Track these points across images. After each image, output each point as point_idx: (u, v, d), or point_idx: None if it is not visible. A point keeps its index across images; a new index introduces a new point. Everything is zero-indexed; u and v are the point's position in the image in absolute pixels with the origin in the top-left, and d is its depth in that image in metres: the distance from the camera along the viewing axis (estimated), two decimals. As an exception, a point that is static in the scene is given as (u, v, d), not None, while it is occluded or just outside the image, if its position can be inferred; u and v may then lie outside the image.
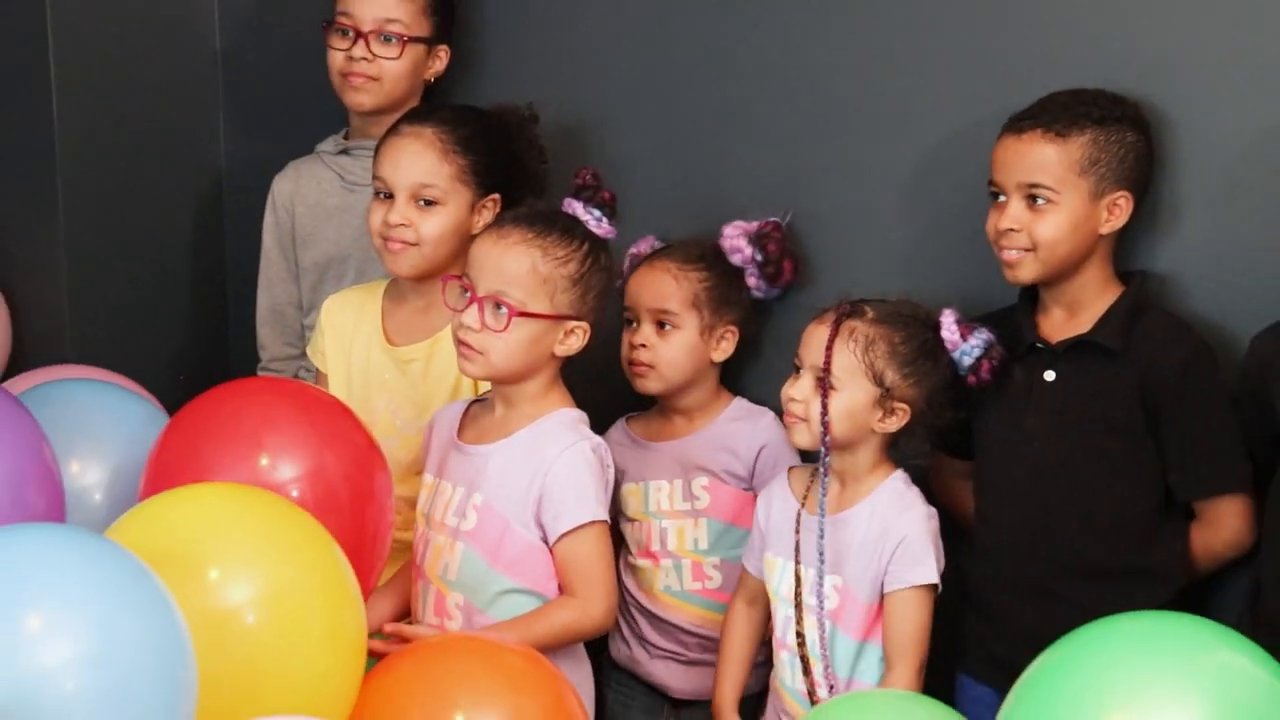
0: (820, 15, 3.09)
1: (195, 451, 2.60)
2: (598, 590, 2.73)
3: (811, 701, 2.76)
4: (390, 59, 3.23)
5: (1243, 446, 2.72)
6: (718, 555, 3.05)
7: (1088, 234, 2.72)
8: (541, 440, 2.74)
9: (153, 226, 3.70)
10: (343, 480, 2.62)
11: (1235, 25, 2.75)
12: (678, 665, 3.08)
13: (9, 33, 3.51)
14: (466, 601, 2.75)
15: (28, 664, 1.96)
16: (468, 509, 2.76)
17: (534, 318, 2.71)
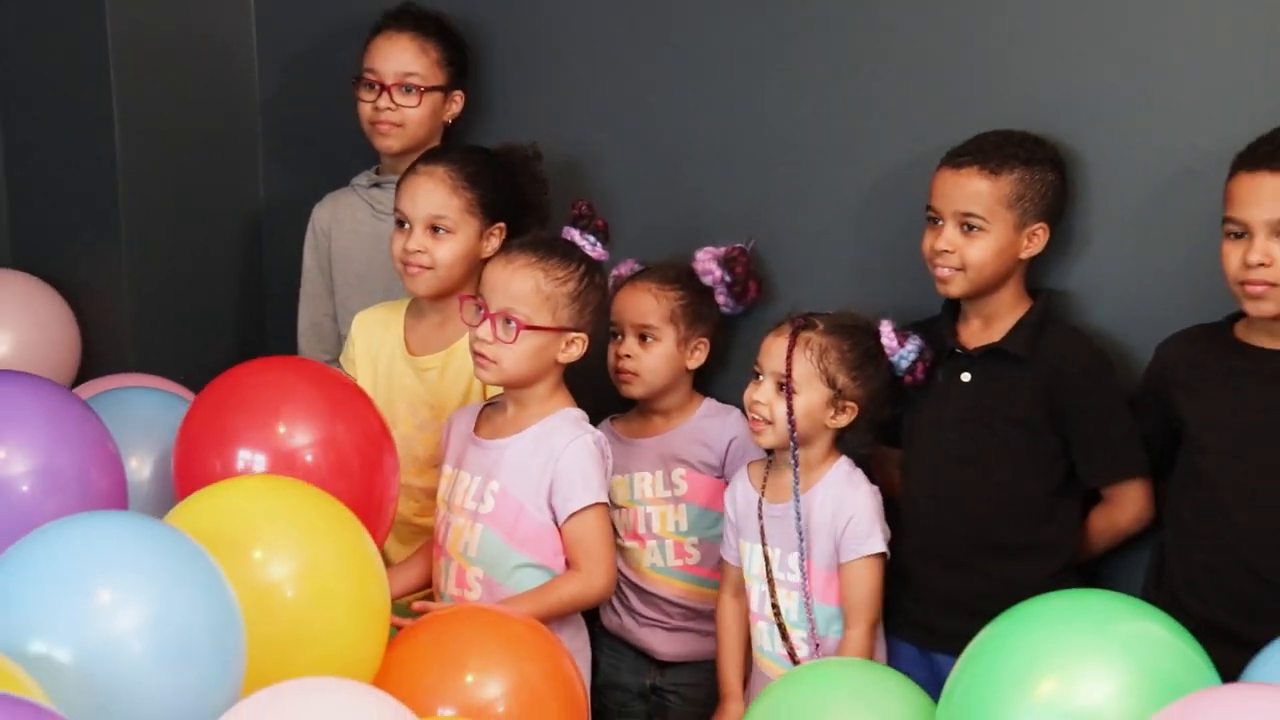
0: (779, 70, 3.09)
1: (219, 420, 2.60)
2: (600, 564, 2.75)
3: (793, 662, 2.79)
4: (411, 107, 3.23)
5: (1139, 438, 2.74)
6: (696, 535, 3.07)
7: (1010, 258, 2.76)
8: (550, 435, 2.76)
9: (203, 252, 3.71)
10: (353, 450, 2.62)
11: (1136, 79, 2.77)
12: (662, 631, 3.09)
13: (79, 85, 3.53)
14: (486, 575, 2.76)
15: (100, 630, 2.01)
16: (486, 494, 2.78)
17: (539, 330, 2.73)
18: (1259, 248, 2.52)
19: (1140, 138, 2.79)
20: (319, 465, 2.56)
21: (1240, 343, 2.65)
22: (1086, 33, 2.82)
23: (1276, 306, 2.54)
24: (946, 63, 2.94)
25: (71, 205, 3.64)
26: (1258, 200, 2.52)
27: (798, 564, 2.79)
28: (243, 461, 2.56)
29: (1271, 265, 2.52)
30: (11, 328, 3.50)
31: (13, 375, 2.56)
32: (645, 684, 3.12)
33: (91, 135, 3.55)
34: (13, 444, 2.37)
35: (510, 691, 2.41)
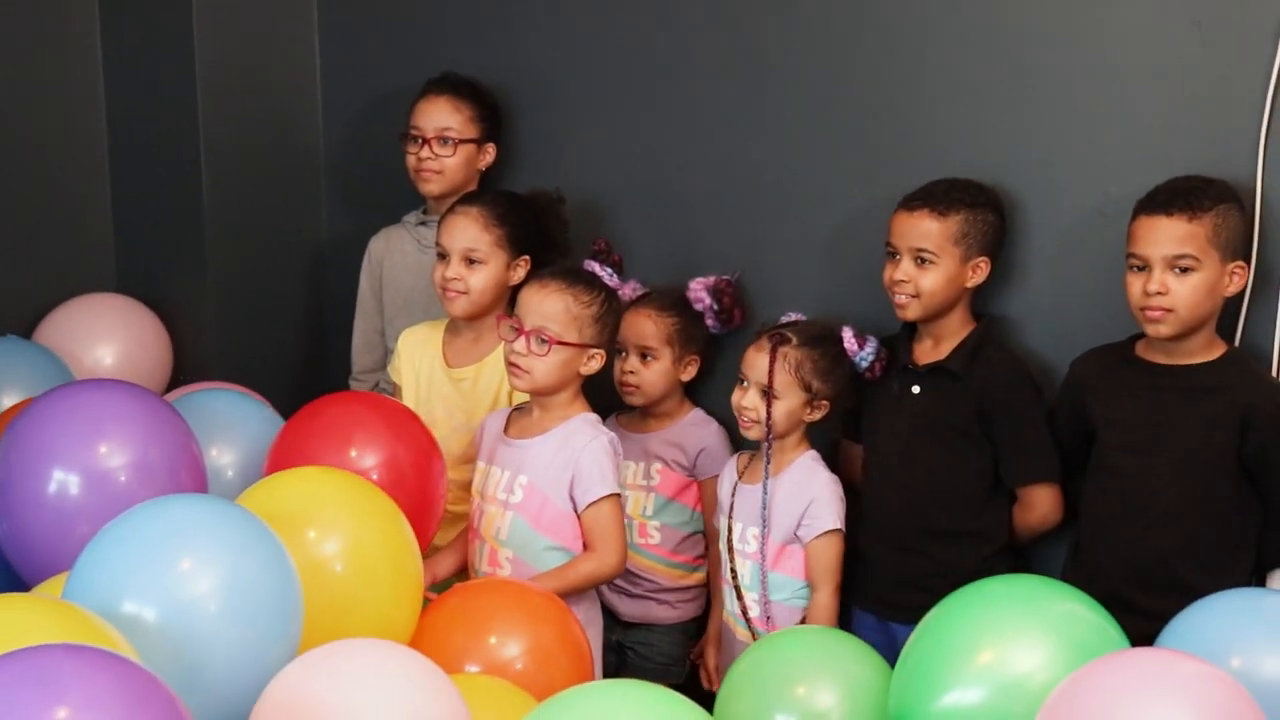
0: (763, 129, 3.11)
1: (303, 444, 2.65)
2: (613, 546, 2.77)
3: (745, 620, 2.82)
4: (447, 156, 3.24)
5: (1053, 448, 2.75)
6: (659, 520, 3.08)
7: (957, 286, 2.77)
8: (571, 435, 2.78)
9: (275, 278, 3.73)
10: (410, 466, 2.67)
11: (1065, 133, 2.79)
12: (626, 597, 3.10)
13: (172, 140, 3.57)
14: (515, 555, 2.78)
15: (181, 593, 2.06)
16: (515, 486, 2.79)
17: (567, 346, 2.76)
18: (1156, 279, 2.55)
19: (1062, 184, 2.81)
20: (383, 481, 2.59)
21: (1140, 359, 2.67)
22: (1019, 97, 2.83)
23: (1171, 329, 2.58)
24: (903, 123, 2.96)
25: (165, 239, 3.67)
26: (1155, 239, 2.56)
27: (755, 537, 2.81)
28: None
29: (1167, 294, 2.55)
30: (115, 342, 3.52)
31: (114, 384, 2.60)
32: (612, 639, 3.11)
33: (182, 181, 3.58)
34: (113, 441, 2.42)
35: (527, 651, 2.44)
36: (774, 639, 2.59)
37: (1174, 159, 2.66)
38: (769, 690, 2.39)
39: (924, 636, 2.30)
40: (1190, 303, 2.54)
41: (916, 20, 2.92)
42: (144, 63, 3.59)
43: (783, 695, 2.38)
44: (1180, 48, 2.69)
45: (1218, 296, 2.57)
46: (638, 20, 3.26)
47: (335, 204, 3.78)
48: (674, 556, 3.11)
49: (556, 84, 3.39)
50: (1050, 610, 2.22)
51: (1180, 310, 2.54)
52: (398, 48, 3.59)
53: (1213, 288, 2.56)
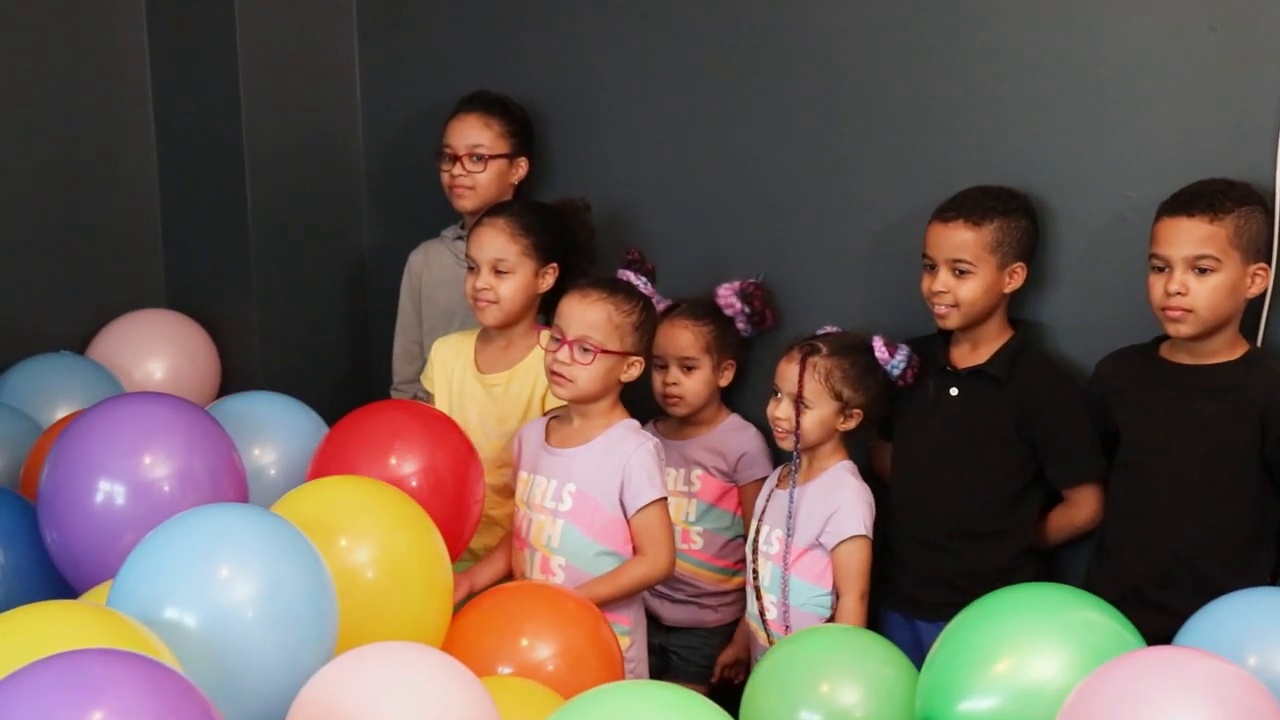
0: (791, 138, 3.12)
1: (345, 452, 2.68)
2: (663, 549, 2.78)
3: (762, 620, 2.83)
4: (479, 172, 3.28)
5: (1099, 448, 2.74)
6: (701, 526, 3.09)
7: (996, 293, 2.78)
8: (617, 442, 2.79)
9: (317, 293, 3.77)
10: (448, 472, 2.70)
11: (1086, 140, 2.80)
12: (669, 602, 3.11)
13: (218, 161, 3.62)
14: (568, 562, 2.78)
15: (220, 599, 2.09)
16: (564, 495, 2.79)
17: (610, 354, 2.77)
18: (1177, 279, 2.56)
19: (1085, 190, 2.82)
20: (421, 487, 2.63)
21: (1164, 360, 2.67)
22: (1042, 105, 2.85)
23: (1191, 329, 2.58)
24: (930, 132, 2.97)
25: (213, 257, 3.73)
26: (1176, 240, 2.56)
27: (779, 539, 2.82)
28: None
29: (1187, 294, 2.55)
30: (165, 356, 3.59)
31: (157, 396, 2.65)
32: (654, 643, 3.11)
33: (229, 199, 3.64)
34: (157, 452, 2.46)
35: (558, 653, 2.46)
36: (799, 637, 2.60)
37: (1192, 163, 2.67)
38: (794, 688, 2.41)
39: (948, 642, 2.33)
40: (1210, 303, 2.54)
41: (943, 32, 2.94)
42: (191, 83, 3.66)
43: (807, 693, 2.39)
44: (1196, 53, 2.70)
45: (1239, 297, 2.58)
46: (668, 35, 3.29)
47: (376, 219, 3.82)
48: (716, 561, 3.12)
49: (590, 98, 3.42)
50: (1069, 618, 2.25)
51: (1200, 310, 2.55)
52: (435, 66, 3.64)
53: (1233, 288, 2.56)
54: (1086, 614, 2.27)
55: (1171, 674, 1.98)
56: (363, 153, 3.78)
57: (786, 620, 2.81)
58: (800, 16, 3.10)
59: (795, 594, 2.82)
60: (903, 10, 2.98)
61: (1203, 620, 2.32)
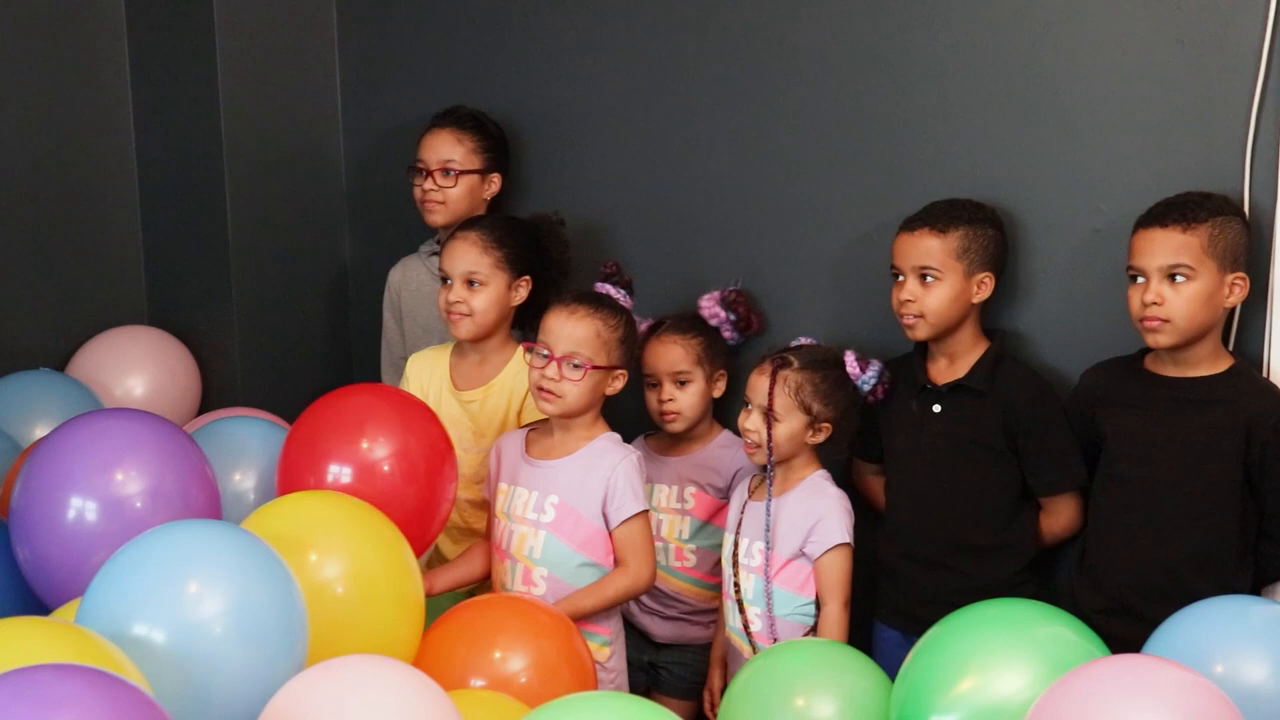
0: (765, 152, 3.13)
1: (315, 437, 2.65)
2: (645, 561, 2.78)
3: (747, 634, 2.81)
4: (450, 187, 3.27)
5: (1078, 457, 2.75)
6: (695, 543, 3.08)
7: (964, 303, 2.78)
8: (600, 455, 2.79)
9: (299, 309, 3.76)
10: (421, 459, 2.66)
11: (1058, 153, 2.81)
12: (660, 619, 3.11)
13: (199, 179, 3.61)
14: (550, 573, 2.78)
15: (189, 615, 2.08)
16: (546, 506, 2.79)
17: (599, 369, 2.77)
18: (1153, 289, 2.56)
19: (1057, 203, 2.83)
20: (394, 472, 2.60)
21: (1149, 372, 2.67)
22: (1014, 120, 2.86)
23: (1169, 338, 2.58)
24: (903, 146, 2.98)
25: (194, 274, 3.72)
26: (1150, 250, 2.57)
27: (761, 551, 2.81)
28: (332, 473, 2.61)
29: (1163, 304, 2.56)
30: (145, 373, 3.57)
31: (130, 413, 2.64)
32: (644, 659, 3.13)
33: (209, 219, 3.64)
34: (129, 469, 2.45)
35: (531, 666, 2.45)
36: (775, 651, 2.60)
37: (1163, 176, 2.68)
38: (769, 701, 2.40)
39: (919, 657, 2.34)
40: (1186, 313, 2.54)
41: (915, 47, 2.95)
42: (171, 102, 3.67)
43: (783, 707, 2.39)
44: (1166, 66, 2.71)
45: (1216, 307, 2.58)
46: (644, 52, 3.31)
47: (357, 234, 3.83)
48: (709, 579, 3.09)
49: (567, 113, 3.43)
50: (1038, 633, 2.26)
51: (1177, 320, 2.55)
52: (416, 81, 3.65)
53: (1210, 297, 2.56)
54: (1055, 629, 2.28)
55: (1134, 682, 1.98)
56: (343, 168, 3.79)
57: (773, 632, 2.80)
58: (774, 33, 3.13)
59: (779, 605, 2.81)
60: (875, 26, 3.00)
61: (1172, 628, 2.34)
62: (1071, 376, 2.80)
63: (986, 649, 2.25)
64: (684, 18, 3.23)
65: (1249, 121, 2.61)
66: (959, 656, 2.26)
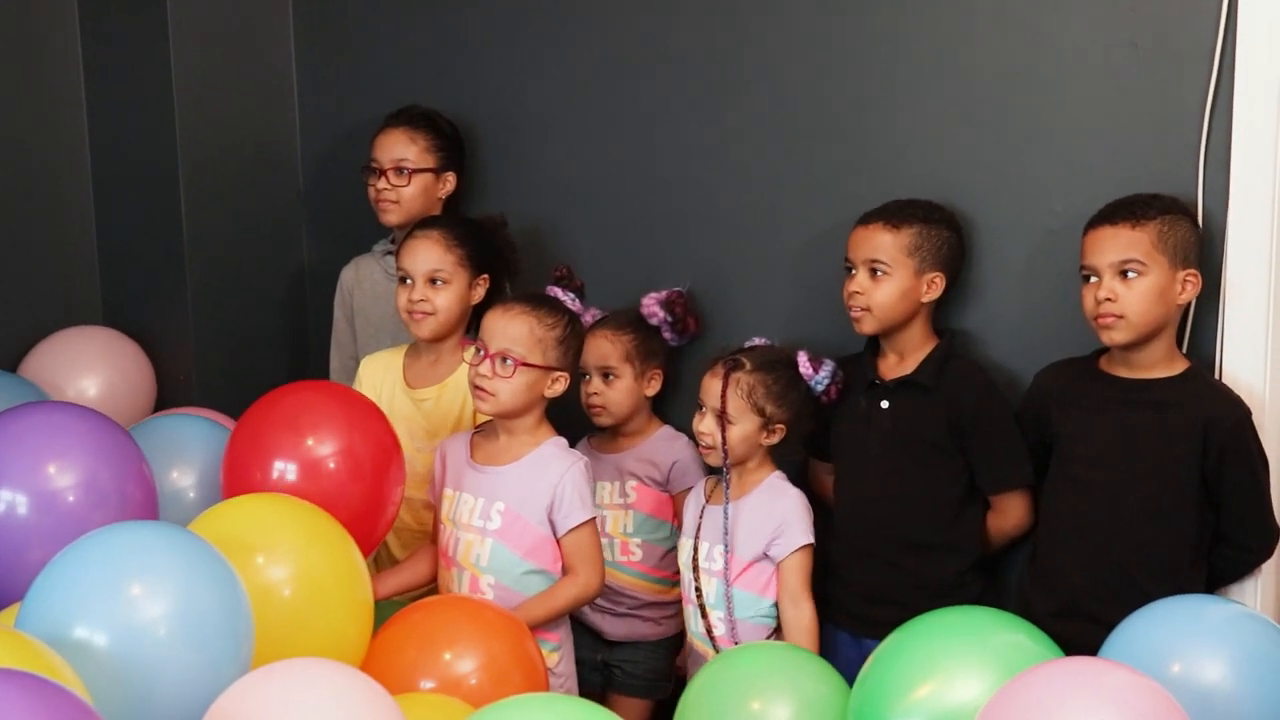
0: (721, 151, 3.12)
1: (261, 433, 2.61)
2: (594, 568, 2.77)
3: (710, 638, 2.79)
4: (403, 186, 3.25)
5: (1026, 454, 2.74)
6: (640, 537, 3.07)
7: (912, 300, 2.76)
8: (546, 461, 2.77)
9: (255, 309, 3.73)
10: (367, 458, 2.63)
11: (1012, 154, 2.80)
12: (612, 616, 3.09)
13: (154, 177, 3.57)
14: (497, 581, 2.75)
15: (131, 618, 2.05)
16: (492, 513, 2.76)
17: (532, 368, 2.73)
18: (1105, 286, 2.56)
19: (1012, 203, 2.82)
20: (339, 470, 2.57)
21: (1103, 372, 2.66)
22: (969, 120, 2.85)
23: (1124, 335, 2.57)
24: (859, 147, 2.97)
25: (148, 273, 3.69)
26: (1100, 248, 2.57)
27: (722, 555, 2.79)
28: (277, 470, 2.58)
29: (1116, 300, 2.55)
30: (98, 374, 3.52)
31: (63, 405, 2.60)
32: (598, 659, 3.11)
33: (164, 219, 3.60)
34: (62, 462, 2.40)
35: (481, 667, 2.42)
36: (731, 655, 2.58)
37: (1116, 177, 2.67)
38: (725, 705, 2.39)
39: (877, 664, 2.33)
40: (1139, 308, 2.54)
41: (871, 49, 2.94)
42: (126, 101, 3.63)
43: (739, 710, 2.37)
44: (1119, 68, 2.70)
45: (1169, 303, 2.57)
46: (599, 53, 3.29)
47: (314, 234, 3.80)
48: (655, 572, 3.08)
49: (522, 114, 3.41)
50: (995, 640, 2.26)
51: (1130, 316, 2.54)
52: (373, 81, 3.62)
53: (1162, 293, 2.55)
54: (1012, 636, 2.28)
55: (1082, 684, 1.97)
56: (300, 167, 3.76)
57: (735, 636, 2.78)
58: (728, 35, 3.11)
59: (741, 608, 2.79)
60: (829, 27, 2.99)
61: (1129, 628, 2.33)
62: (1024, 377, 2.79)
63: (943, 656, 2.25)
64: (639, 18, 3.22)
65: (1201, 123, 2.61)
66: (915, 663, 2.26)
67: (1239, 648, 2.21)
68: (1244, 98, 2.56)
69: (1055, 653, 2.27)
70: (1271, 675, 2.21)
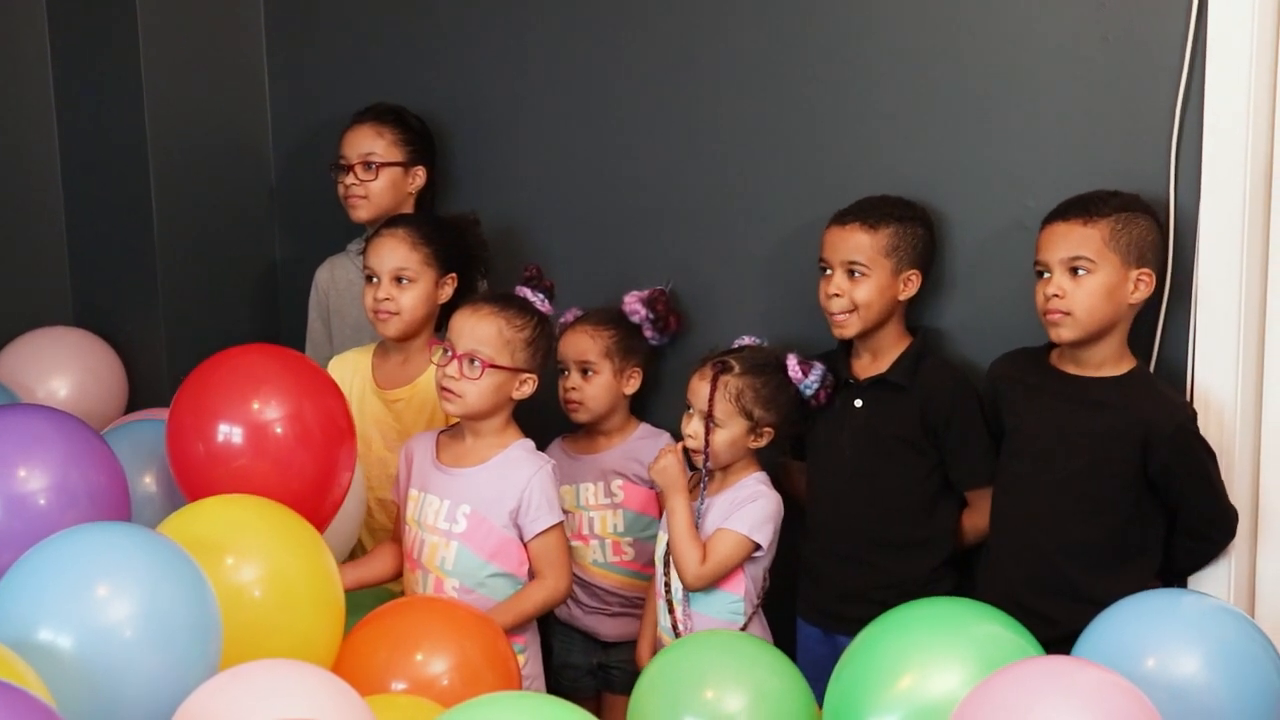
0: (697, 147, 3.10)
1: (204, 397, 2.54)
2: (562, 572, 2.75)
3: (676, 634, 2.77)
4: (371, 180, 3.21)
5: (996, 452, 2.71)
6: (630, 535, 3.05)
7: (890, 299, 2.75)
8: (513, 465, 2.74)
9: (227, 308, 3.70)
10: (316, 424, 2.55)
11: (992, 149, 2.79)
12: (605, 617, 3.07)
13: (123, 176, 3.54)
14: (461, 585, 2.72)
15: (96, 620, 2.03)
16: (458, 516, 2.72)
17: (499, 369, 2.71)
18: (1054, 282, 2.55)
19: (985, 199, 2.81)
20: (286, 435, 2.50)
21: (1052, 366, 2.65)
22: (942, 116, 2.83)
23: (1071, 332, 2.56)
24: (833, 144, 2.96)
25: (120, 274, 3.65)
26: (1052, 244, 2.56)
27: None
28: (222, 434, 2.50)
29: (1064, 296, 2.54)
30: (69, 374, 3.49)
31: (34, 408, 2.56)
32: (593, 662, 3.10)
33: (135, 218, 3.56)
34: (33, 465, 2.36)
35: (453, 668, 2.40)
36: (684, 643, 2.55)
37: (1089, 172, 2.65)
38: (678, 693, 2.37)
39: (853, 658, 2.32)
40: (1087, 306, 2.52)
41: (841, 45, 2.93)
42: (95, 99, 3.59)
43: (691, 698, 2.35)
44: (1091, 63, 2.68)
45: (1119, 302, 2.55)
46: (572, 49, 3.27)
47: (287, 233, 3.77)
48: (649, 570, 3.05)
49: (497, 111, 3.38)
50: (972, 632, 2.24)
51: (1077, 313, 2.52)
52: (345, 78, 3.59)
53: (1111, 292, 2.53)
54: (989, 628, 2.26)
55: (1053, 684, 1.96)
56: (272, 165, 3.72)
57: (691, 629, 2.76)
58: (702, 31, 3.09)
59: (709, 603, 2.77)
60: (800, 24, 2.97)
61: (1105, 622, 2.31)
62: (985, 371, 2.77)
63: (920, 648, 2.23)
64: (612, 16, 3.19)
65: (1173, 119, 2.59)
66: (893, 656, 2.25)
67: (1213, 641, 2.21)
68: (1215, 93, 2.55)
69: (1031, 642, 2.24)
70: (1245, 668, 2.20)
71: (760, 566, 2.79)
